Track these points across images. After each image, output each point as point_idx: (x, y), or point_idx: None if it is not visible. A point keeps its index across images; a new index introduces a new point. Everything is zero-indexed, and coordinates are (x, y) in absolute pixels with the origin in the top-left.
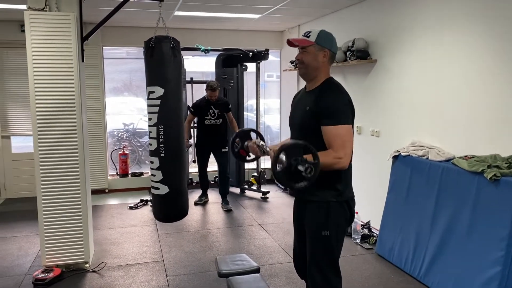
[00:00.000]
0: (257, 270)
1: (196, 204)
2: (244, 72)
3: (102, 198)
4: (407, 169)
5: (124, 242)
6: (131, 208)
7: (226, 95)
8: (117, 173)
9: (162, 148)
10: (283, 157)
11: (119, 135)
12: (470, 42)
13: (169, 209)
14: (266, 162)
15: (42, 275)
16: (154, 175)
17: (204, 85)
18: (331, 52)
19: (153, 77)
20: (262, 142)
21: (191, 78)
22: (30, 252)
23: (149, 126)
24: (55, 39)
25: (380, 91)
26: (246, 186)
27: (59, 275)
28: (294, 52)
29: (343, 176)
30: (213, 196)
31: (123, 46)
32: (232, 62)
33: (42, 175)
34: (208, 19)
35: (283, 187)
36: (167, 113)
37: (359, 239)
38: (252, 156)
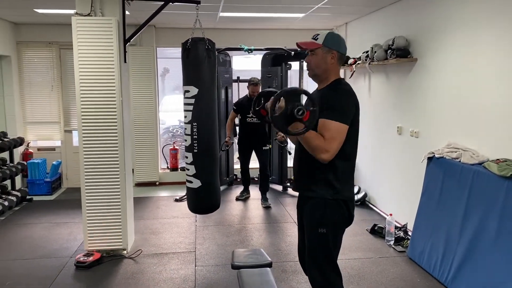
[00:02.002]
0: (269, 265)
1: (237, 199)
2: (289, 71)
3: (152, 190)
4: (440, 171)
5: (164, 232)
6: (176, 200)
7: None
8: (167, 167)
9: (195, 144)
10: (282, 102)
11: (174, 131)
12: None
13: (201, 202)
14: None
15: (83, 258)
16: (188, 169)
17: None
18: (339, 54)
19: (188, 77)
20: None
21: (238, 77)
22: (79, 238)
23: (185, 123)
24: (99, 42)
25: (420, 91)
26: (288, 184)
27: (99, 259)
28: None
29: (340, 173)
30: (255, 192)
31: (176, 46)
32: (277, 61)
33: (86, 168)
34: (253, 19)
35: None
36: (200, 111)
37: (393, 241)
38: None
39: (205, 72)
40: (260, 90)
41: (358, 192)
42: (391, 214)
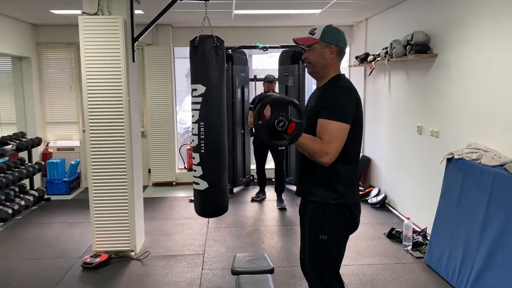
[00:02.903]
0: (270, 271)
1: (253, 200)
2: (306, 69)
3: (168, 191)
4: (459, 173)
5: (174, 234)
6: (191, 201)
7: (287, 92)
8: (184, 167)
9: (202, 145)
10: (268, 110)
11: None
12: None
13: (208, 204)
14: None
15: (90, 259)
16: (195, 171)
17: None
18: (338, 48)
19: (196, 75)
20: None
21: (255, 76)
22: (90, 238)
23: (192, 123)
24: (105, 41)
25: (440, 88)
26: None
27: (105, 261)
28: (362, 46)
29: (343, 176)
30: (272, 193)
31: None
32: (295, 59)
33: (93, 168)
34: (269, 16)
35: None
36: (208, 110)
37: (410, 247)
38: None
39: (213, 70)
40: (275, 88)
41: (377, 194)
42: (408, 218)
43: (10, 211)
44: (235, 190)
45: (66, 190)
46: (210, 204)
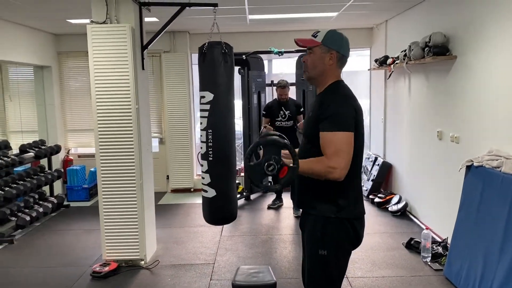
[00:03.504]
0: (272, 286)
1: (269, 207)
2: None
3: (186, 197)
4: (479, 182)
5: (187, 242)
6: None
7: (304, 97)
8: None
9: (210, 152)
10: (261, 151)
11: None
12: None
13: (216, 212)
14: None
15: (99, 268)
16: (203, 178)
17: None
18: (339, 54)
19: (204, 82)
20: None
21: (272, 81)
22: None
23: (200, 130)
24: (113, 49)
25: (460, 91)
26: None
27: (114, 270)
28: (382, 49)
29: (345, 189)
30: (289, 200)
31: None
32: None
33: (102, 175)
34: (285, 20)
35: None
36: (216, 118)
37: (429, 258)
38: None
39: (221, 76)
40: (287, 94)
41: (398, 202)
42: (427, 228)
43: (28, 218)
44: (252, 197)
45: (85, 197)
46: (218, 212)
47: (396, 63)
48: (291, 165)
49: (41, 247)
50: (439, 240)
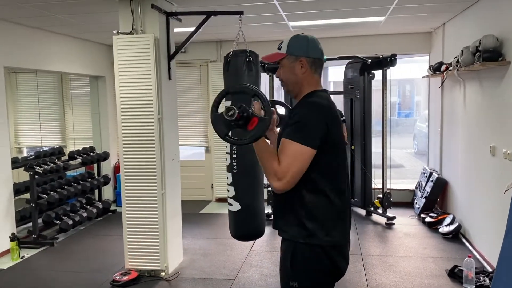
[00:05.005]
0: None
1: None
2: (372, 81)
3: (225, 207)
4: None
5: (214, 254)
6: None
7: (352, 106)
8: None
9: (235, 164)
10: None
11: None
12: None
13: (240, 227)
14: (392, 183)
15: (119, 277)
16: (228, 191)
17: (339, 96)
18: (309, 59)
19: None
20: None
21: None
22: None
23: None
24: (137, 59)
25: None
26: (372, 208)
27: (134, 279)
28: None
29: (311, 209)
30: None
31: None
32: (362, 70)
33: (126, 183)
34: (330, 26)
35: None
36: None
37: None
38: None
39: None
40: None
41: (451, 223)
42: (470, 256)
43: (70, 222)
44: None
45: None
46: (243, 227)
47: (449, 70)
48: (261, 116)
49: (77, 251)
50: (490, 269)
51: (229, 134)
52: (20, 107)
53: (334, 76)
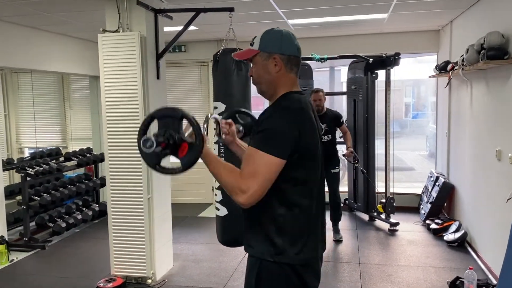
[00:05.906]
0: None
1: None
2: (376, 81)
3: None
4: None
5: (206, 261)
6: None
7: (355, 107)
8: None
9: None
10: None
11: None
12: None
13: (226, 233)
14: (395, 187)
15: (103, 283)
16: (216, 195)
17: (343, 96)
18: (283, 56)
19: (216, 92)
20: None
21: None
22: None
23: (214, 143)
24: (122, 58)
25: None
26: (375, 214)
27: (119, 286)
28: (447, 53)
29: (284, 226)
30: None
31: None
32: (366, 69)
33: (112, 187)
34: (331, 24)
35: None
36: None
37: None
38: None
39: (235, 86)
40: (322, 100)
41: (457, 230)
42: (471, 268)
43: (64, 225)
44: None
45: None
46: (229, 232)
47: (455, 69)
48: (191, 141)
49: (67, 255)
50: (495, 282)
51: (160, 163)
52: (21, 107)
53: (346, 77)
